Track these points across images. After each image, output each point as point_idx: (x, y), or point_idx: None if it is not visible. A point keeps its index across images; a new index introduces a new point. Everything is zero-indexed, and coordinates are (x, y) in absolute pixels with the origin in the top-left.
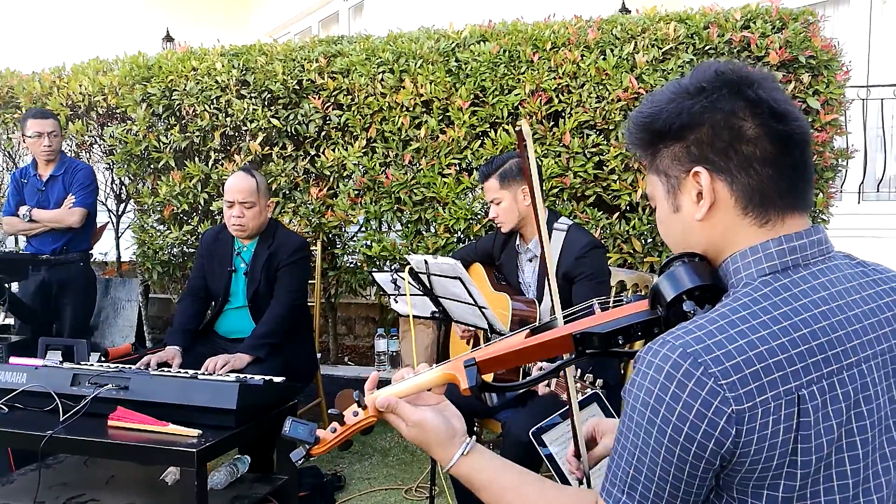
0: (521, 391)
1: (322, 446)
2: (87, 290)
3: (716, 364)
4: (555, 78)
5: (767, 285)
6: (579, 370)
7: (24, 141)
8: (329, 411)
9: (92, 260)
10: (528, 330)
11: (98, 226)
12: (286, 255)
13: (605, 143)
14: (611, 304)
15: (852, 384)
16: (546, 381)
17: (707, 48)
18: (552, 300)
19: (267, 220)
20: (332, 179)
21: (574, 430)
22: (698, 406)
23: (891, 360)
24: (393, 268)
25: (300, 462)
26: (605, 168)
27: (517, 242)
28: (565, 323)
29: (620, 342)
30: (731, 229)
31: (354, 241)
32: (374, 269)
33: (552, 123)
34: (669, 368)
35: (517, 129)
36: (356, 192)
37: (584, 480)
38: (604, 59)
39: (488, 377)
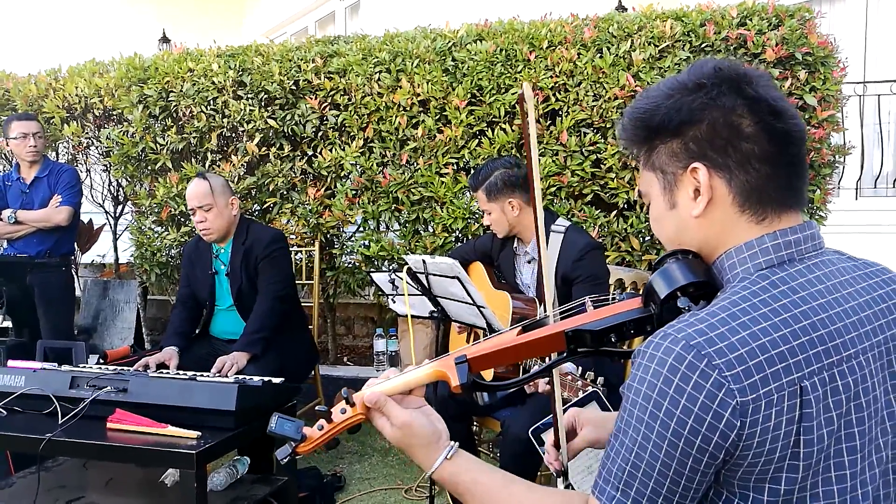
0: (513, 390)
1: (309, 444)
2: (66, 295)
3: (719, 356)
4: (551, 76)
5: (765, 279)
6: (580, 368)
7: (7, 144)
8: (317, 408)
9: (91, 262)
10: (521, 327)
11: (94, 228)
12: (261, 249)
13: (603, 141)
14: (608, 302)
15: (852, 376)
16: (547, 380)
17: (703, 45)
18: (542, 294)
19: (234, 218)
20: (329, 180)
21: (556, 421)
22: (703, 398)
23: (886, 351)
24: (391, 268)
25: (285, 460)
26: (602, 166)
27: (515, 244)
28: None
29: (613, 340)
30: (728, 226)
31: (352, 241)
32: (372, 270)
33: (549, 122)
34: (673, 361)
35: (520, 92)
36: (354, 193)
37: (563, 472)
38: (600, 57)
39: (487, 374)
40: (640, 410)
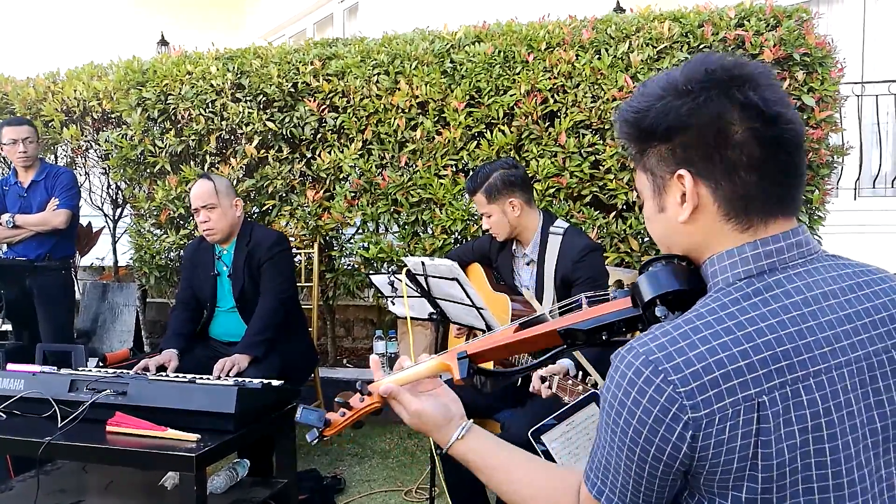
0: (515, 380)
1: (333, 428)
2: (65, 298)
3: (675, 372)
4: (550, 78)
5: (739, 290)
6: (580, 372)
7: (1, 150)
8: (336, 400)
9: (90, 265)
10: (518, 324)
11: (93, 231)
12: (265, 250)
13: (601, 142)
14: (608, 298)
15: (819, 391)
16: (548, 384)
17: (702, 47)
18: (539, 295)
19: (237, 219)
20: (328, 182)
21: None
22: (656, 412)
23: (868, 367)
24: (390, 270)
25: (315, 442)
26: (601, 167)
27: (514, 247)
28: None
29: (604, 337)
30: (713, 233)
31: (351, 243)
32: (371, 272)
33: (548, 123)
34: (632, 375)
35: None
36: (353, 195)
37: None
38: (599, 58)
39: (487, 365)
40: (606, 416)
